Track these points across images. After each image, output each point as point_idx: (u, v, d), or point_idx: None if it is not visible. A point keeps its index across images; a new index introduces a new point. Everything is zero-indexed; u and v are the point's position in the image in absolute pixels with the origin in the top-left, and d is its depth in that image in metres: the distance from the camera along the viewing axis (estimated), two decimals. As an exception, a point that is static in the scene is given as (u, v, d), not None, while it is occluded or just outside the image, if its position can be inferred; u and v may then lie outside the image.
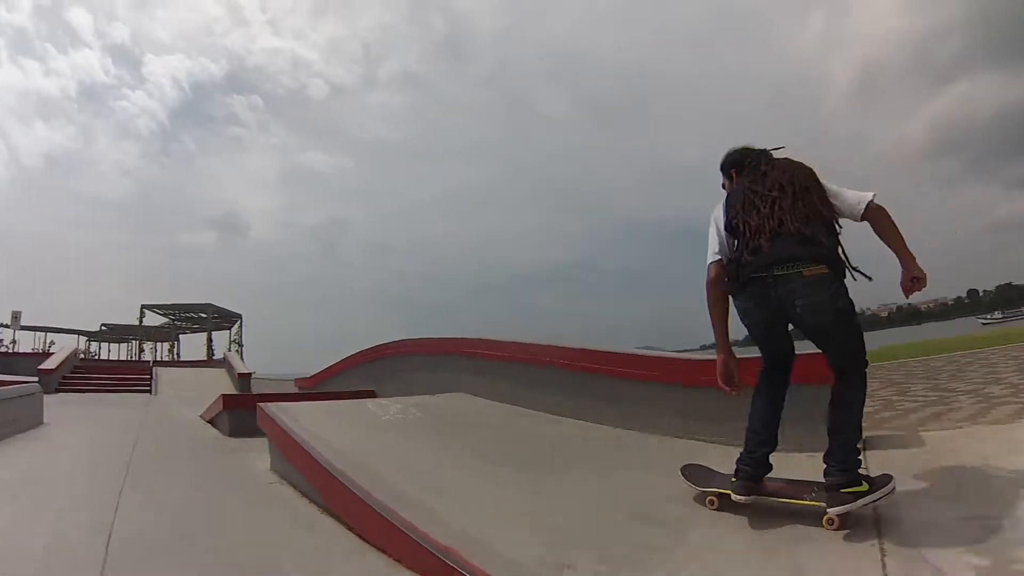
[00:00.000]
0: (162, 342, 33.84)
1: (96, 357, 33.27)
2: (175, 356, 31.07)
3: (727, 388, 2.45)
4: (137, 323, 28.19)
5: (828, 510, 2.08)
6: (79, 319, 33.84)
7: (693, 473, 2.68)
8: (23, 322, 24.01)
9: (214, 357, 25.37)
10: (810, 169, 2.37)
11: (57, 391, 14.11)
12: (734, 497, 2.33)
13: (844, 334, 2.22)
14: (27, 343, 26.77)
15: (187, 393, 15.07)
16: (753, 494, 2.33)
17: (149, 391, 14.83)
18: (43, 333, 30.09)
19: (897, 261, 2.24)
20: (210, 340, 27.69)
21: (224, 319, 29.87)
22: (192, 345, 33.18)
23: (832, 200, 2.29)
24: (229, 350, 25.37)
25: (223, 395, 5.99)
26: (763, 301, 2.28)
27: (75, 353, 17.35)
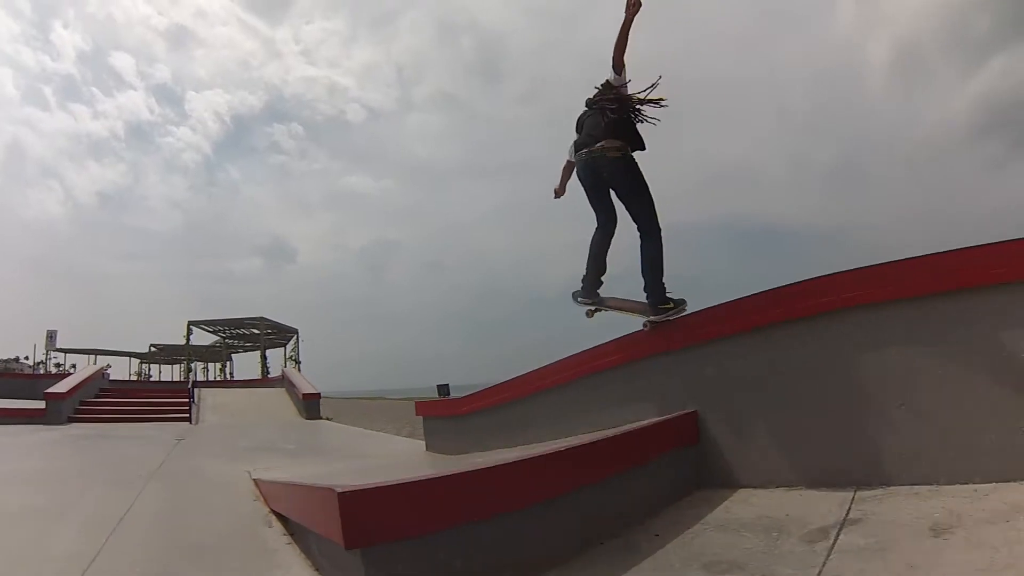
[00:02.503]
0: (213, 362, 30.87)
1: (149, 378, 30.55)
2: (227, 376, 27.86)
3: None
4: (184, 341, 24.98)
5: (646, 319, 3.20)
6: (134, 344, 31.31)
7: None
8: (60, 344, 21.07)
9: (269, 376, 21.77)
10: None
11: (71, 420, 10.56)
12: (579, 301, 3.50)
13: (636, 203, 3.21)
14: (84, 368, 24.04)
15: (236, 421, 11.21)
16: (592, 300, 3.48)
17: (188, 419, 11.02)
18: (91, 356, 27.50)
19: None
20: (264, 357, 24.20)
21: (279, 335, 26.45)
22: (245, 365, 30.10)
23: (609, 91, 3.23)
24: (285, 367, 21.73)
25: (340, 498, 1.52)
26: (592, 164, 3.28)
27: (100, 374, 13.87)
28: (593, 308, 3.46)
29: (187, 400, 11.92)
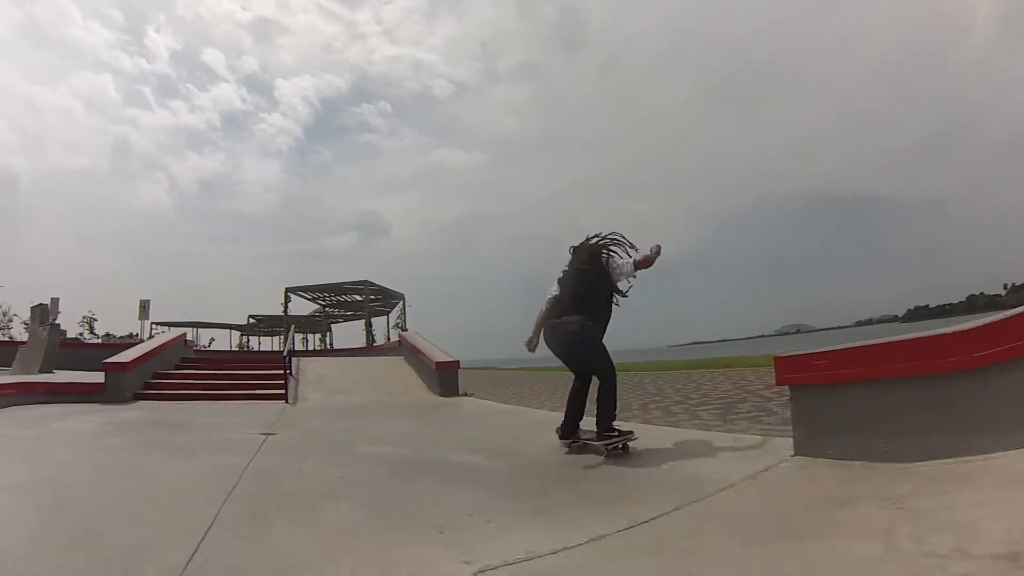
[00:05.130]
0: (312, 333, 29.15)
1: (247, 349, 29.45)
2: (327, 347, 25.83)
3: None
4: (282, 311, 22.95)
5: (602, 446, 3.69)
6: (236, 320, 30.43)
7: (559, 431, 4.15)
8: (157, 316, 19.48)
9: (375, 344, 19.12)
10: (593, 249, 3.90)
11: (137, 397, 7.85)
12: (561, 441, 4.06)
13: (592, 362, 3.91)
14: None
15: (347, 401, 8.01)
16: (570, 440, 3.98)
17: (284, 397, 7.98)
18: (192, 328, 26.51)
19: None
20: (369, 324, 21.66)
21: (383, 301, 23.86)
22: (345, 336, 27.99)
23: (610, 271, 3.83)
24: (389, 336, 18.93)
25: None
26: (553, 335, 3.91)
27: (181, 340, 11.35)
28: (572, 443, 3.97)
29: (283, 372, 8.92)
